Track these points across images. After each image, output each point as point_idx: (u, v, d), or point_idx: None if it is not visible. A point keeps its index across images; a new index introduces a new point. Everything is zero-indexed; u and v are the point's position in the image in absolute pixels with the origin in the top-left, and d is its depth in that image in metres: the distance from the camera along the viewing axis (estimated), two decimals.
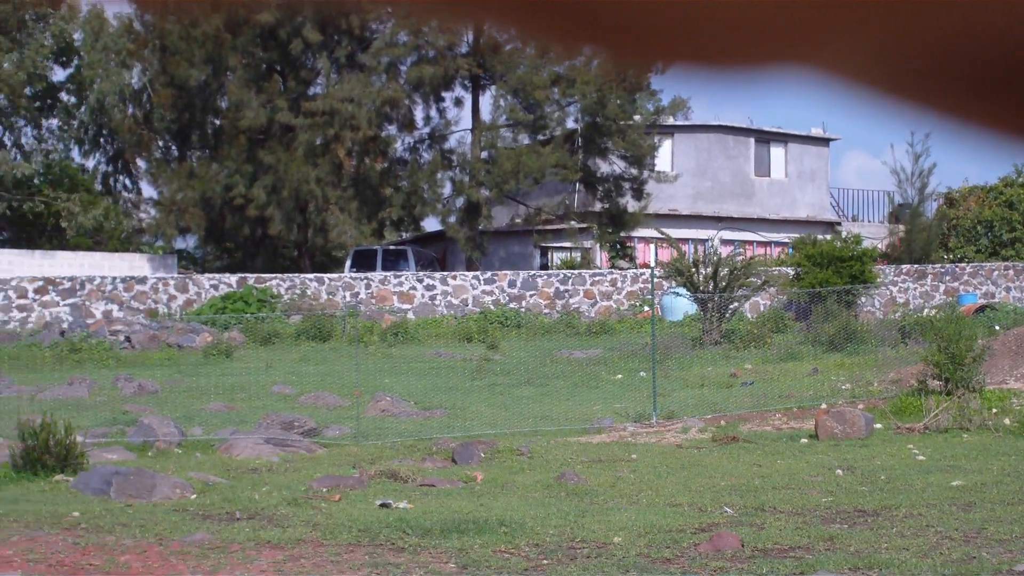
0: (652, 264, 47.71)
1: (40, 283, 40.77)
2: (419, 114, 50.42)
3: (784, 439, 18.37)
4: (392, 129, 50.38)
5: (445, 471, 15.14)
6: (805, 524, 11.41)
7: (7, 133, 56.99)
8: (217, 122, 52.78)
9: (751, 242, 52.38)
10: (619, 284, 43.20)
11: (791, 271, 41.25)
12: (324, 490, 13.36)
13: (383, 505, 12.34)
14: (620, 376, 26.81)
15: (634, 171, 48.48)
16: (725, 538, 10.46)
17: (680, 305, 37.15)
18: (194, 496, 13.04)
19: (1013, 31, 0.95)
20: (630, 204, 48.11)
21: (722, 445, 17.74)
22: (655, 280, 31.64)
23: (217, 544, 10.49)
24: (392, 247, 49.38)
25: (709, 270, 33.01)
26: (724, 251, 40.42)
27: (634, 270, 45.44)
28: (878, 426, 18.79)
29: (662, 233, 39.29)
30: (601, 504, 12.71)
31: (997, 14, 0.94)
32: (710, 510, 12.30)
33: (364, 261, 45.33)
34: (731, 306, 33.79)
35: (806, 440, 17.98)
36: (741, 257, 37.60)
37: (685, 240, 39.14)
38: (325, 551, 10.27)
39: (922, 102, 1.03)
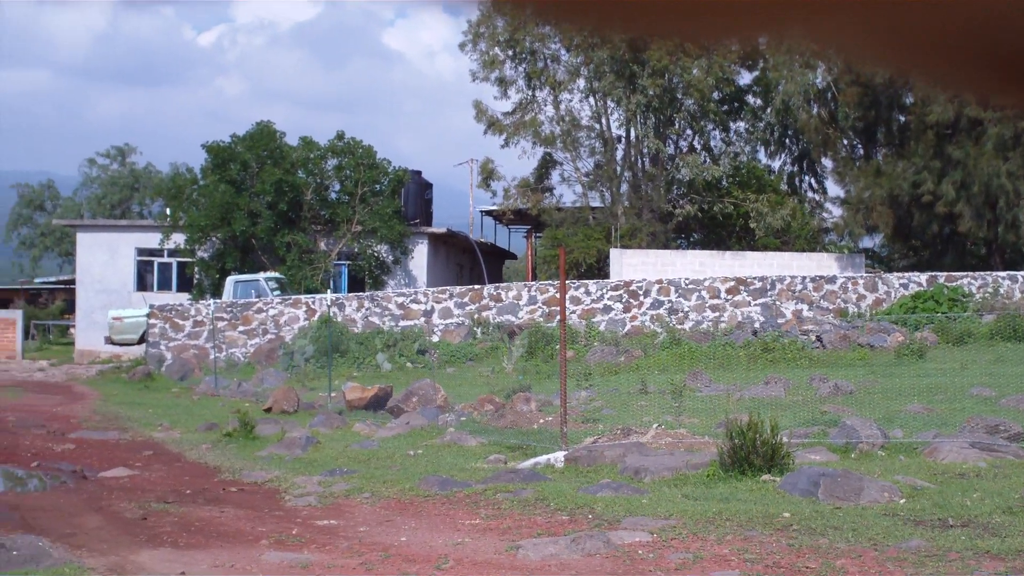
0: None
1: (731, 283, 41.83)
2: None
3: None
4: None
5: None
6: None
7: (697, 137, 59.02)
8: (903, 118, 52.23)
9: None
10: None
11: None
12: None
13: None
14: None
15: None
16: None
17: None
18: (902, 501, 12.85)
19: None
20: None
21: None
22: None
23: (934, 552, 10.28)
24: None
25: None
26: None
27: None
28: None
29: None
30: None
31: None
32: None
33: None
34: None
35: None
36: None
37: None
38: None
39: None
